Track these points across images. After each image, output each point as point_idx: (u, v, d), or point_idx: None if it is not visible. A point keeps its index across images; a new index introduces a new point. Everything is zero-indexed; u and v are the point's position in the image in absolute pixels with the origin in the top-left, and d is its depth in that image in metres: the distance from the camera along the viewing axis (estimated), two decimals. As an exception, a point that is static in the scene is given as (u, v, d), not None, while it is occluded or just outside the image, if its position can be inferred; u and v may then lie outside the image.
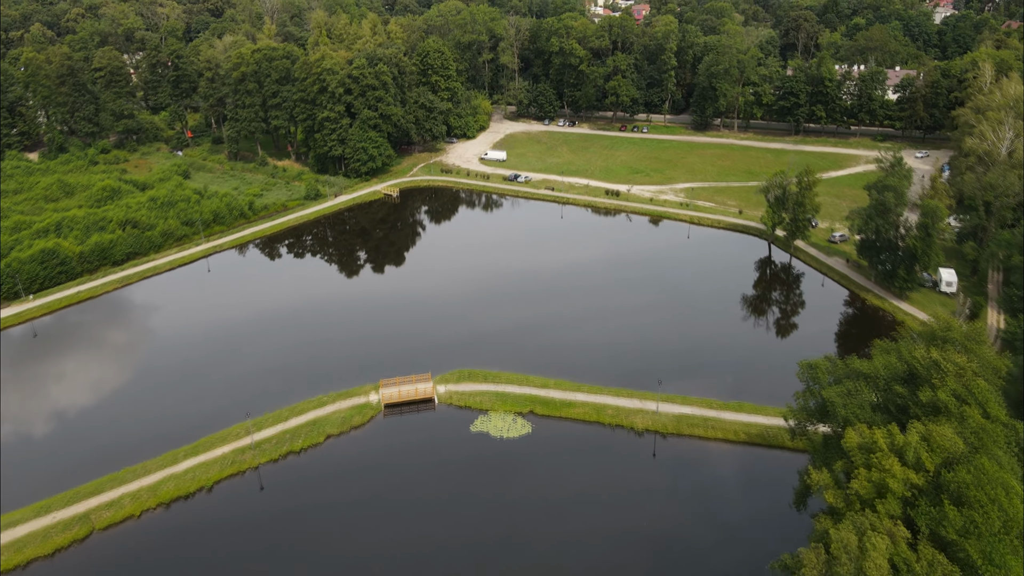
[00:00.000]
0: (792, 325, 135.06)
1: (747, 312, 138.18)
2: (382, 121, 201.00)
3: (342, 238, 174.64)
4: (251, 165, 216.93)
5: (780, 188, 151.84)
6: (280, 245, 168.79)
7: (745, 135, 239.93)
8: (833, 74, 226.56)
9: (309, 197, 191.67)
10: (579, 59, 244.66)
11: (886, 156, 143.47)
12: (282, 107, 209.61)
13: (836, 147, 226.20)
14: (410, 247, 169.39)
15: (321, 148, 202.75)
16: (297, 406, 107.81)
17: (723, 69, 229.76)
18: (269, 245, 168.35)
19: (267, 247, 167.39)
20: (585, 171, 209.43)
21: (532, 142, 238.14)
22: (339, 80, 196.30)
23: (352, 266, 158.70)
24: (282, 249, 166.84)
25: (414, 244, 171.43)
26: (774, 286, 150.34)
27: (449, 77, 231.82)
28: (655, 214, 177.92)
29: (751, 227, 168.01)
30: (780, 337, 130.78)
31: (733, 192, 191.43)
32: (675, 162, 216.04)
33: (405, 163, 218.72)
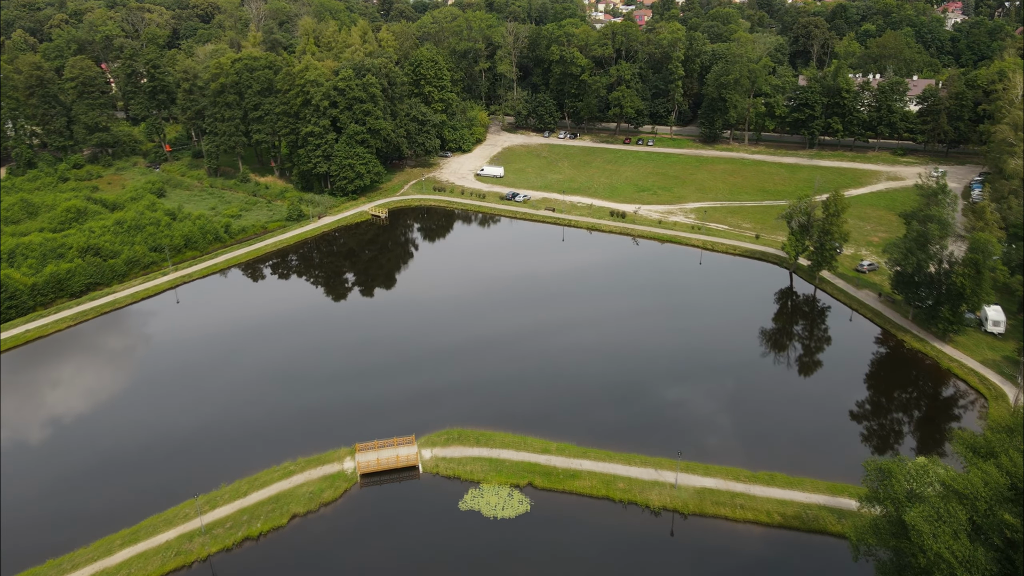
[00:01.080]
0: (821, 368, 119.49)
1: (769, 352, 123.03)
2: (370, 136, 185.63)
3: (323, 266, 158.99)
4: (232, 182, 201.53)
5: (804, 215, 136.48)
6: (255, 274, 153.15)
7: (756, 148, 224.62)
8: (850, 84, 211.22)
9: (291, 218, 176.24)
10: (581, 68, 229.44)
11: (928, 181, 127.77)
12: (264, 120, 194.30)
13: (854, 162, 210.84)
14: (397, 277, 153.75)
15: (305, 165, 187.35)
16: (259, 476, 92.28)
17: (733, 79, 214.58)
18: (243, 274, 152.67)
19: (240, 277, 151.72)
20: (588, 189, 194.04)
21: (531, 156, 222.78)
22: (324, 92, 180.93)
23: (332, 300, 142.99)
24: (256, 279, 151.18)
25: (401, 273, 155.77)
26: (798, 321, 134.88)
27: (443, 87, 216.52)
28: (664, 238, 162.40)
29: (770, 254, 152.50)
30: (808, 382, 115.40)
31: (747, 213, 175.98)
32: (683, 179, 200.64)
33: (396, 179, 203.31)
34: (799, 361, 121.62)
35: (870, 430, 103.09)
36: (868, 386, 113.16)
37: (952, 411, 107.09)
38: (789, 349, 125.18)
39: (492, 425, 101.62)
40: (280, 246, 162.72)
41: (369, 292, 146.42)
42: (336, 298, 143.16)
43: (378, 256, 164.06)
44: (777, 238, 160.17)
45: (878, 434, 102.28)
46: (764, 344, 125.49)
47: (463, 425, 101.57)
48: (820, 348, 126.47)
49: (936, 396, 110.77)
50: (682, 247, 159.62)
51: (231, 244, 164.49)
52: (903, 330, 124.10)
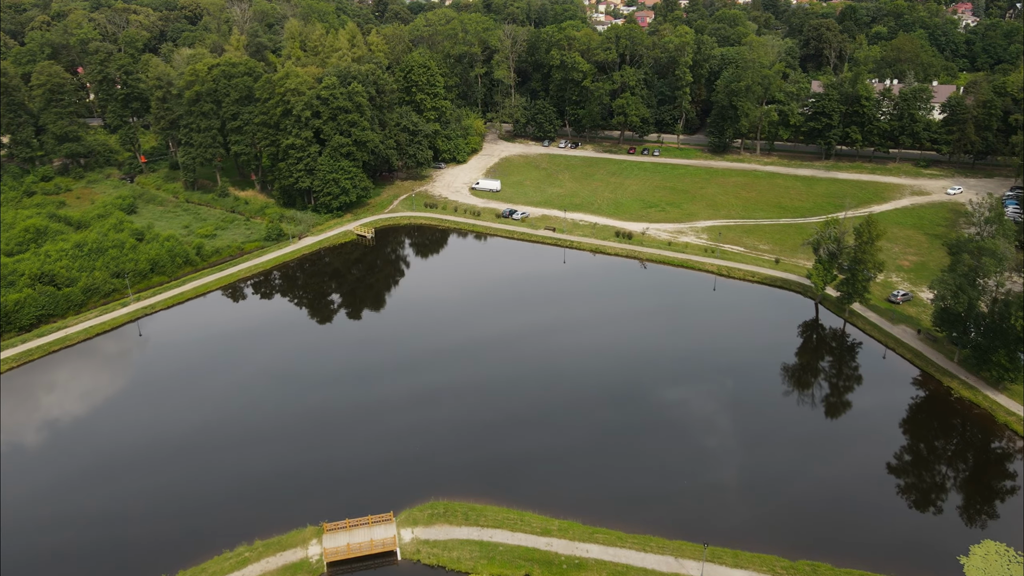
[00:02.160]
0: (854, 417, 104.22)
1: (795, 396, 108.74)
2: (356, 148, 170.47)
3: (300, 295, 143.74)
4: (209, 196, 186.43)
5: (834, 242, 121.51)
6: (223, 305, 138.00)
7: (769, 159, 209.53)
8: (870, 91, 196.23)
9: (270, 238, 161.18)
10: (582, 74, 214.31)
11: (980, 206, 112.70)
12: (243, 131, 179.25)
13: (874, 174, 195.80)
14: (381, 309, 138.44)
15: (286, 179, 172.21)
16: (207, 567, 77.34)
17: (745, 86, 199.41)
18: (210, 305, 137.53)
19: (207, 308, 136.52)
20: (590, 205, 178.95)
21: (530, 167, 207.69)
22: (305, 102, 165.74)
23: (306, 336, 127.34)
24: (224, 311, 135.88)
25: (386, 305, 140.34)
26: (826, 361, 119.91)
27: (436, 95, 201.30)
28: (675, 263, 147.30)
29: (792, 282, 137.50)
30: (841, 433, 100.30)
31: (764, 233, 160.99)
32: (693, 193, 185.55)
33: (385, 194, 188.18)
34: (829, 408, 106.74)
35: (918, 496, 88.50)
36: (910, 440, 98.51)
37: (1012, 473, 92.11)
38: (817, 393, 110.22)
39: (484, 494, 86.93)
40: (255, 271, 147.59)
41: (349, 328, 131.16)
42: (312, 335, 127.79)
43: (360, 283, 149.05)
44: (798, 262, 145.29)
45: (927, 500, 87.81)
46: (789, 386, 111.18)
47: (450, 494, 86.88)
48: (852, 393, 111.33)
49: (991, 455, 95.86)
50: (694, 272, 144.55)
51: (203, 268, 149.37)
52: (948, 374, 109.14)
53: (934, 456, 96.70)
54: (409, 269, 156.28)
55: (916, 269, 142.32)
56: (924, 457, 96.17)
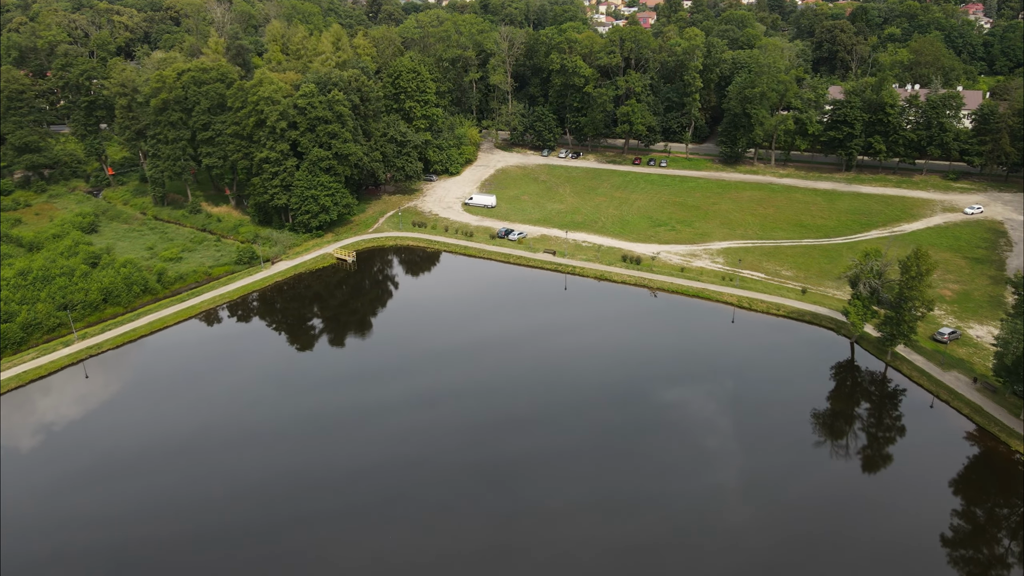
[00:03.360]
0: (900, 479, 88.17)
1: (828, 449, 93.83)
2: (337, 162, 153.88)
3: (266, 334, 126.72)
4: (180, 212, 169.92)
5: (876, 276, 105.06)
6: (179, 344, 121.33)
7: (785, 171, 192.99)
8: (895, 98, 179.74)
9: (241, 262, 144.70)
10: (584, 79, 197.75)
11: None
12: (215, 143, 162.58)
13: (900, 188, 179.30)
14: (355, 355, 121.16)
15: (261, 196, 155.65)
16: None
17: (759, 92, 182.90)
18: (164, 345, 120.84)
19: (159, 349, 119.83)
20: (594, 223, 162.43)
21: (528, 180, 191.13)
22: (280, 112, 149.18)
23: (265, 393, 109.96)
24: (177, 354, 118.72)
25: (361, 348, 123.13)
26: (863, 408, 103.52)
27: (427, 102, 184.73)
28: (689, 292, 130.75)
29: (823, 316, 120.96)
30: (886, 497, 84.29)
31: (785, 255, 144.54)
32: (705, 209, 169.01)
33: (370, 210, 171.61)
34: (869, 465, 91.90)
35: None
36: (966, 507, 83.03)
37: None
38: (854, 448, 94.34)
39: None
40: (219, 301, 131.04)
41: (317, 382, 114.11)
42: (273, 390, 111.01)
43: (334, 320, 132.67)
44: (827, 292, 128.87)
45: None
46: (821, 437, 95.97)
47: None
48: (896, 448, 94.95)
49: (1075, 539, 79.59)
50: (711, 304, 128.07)
51: (164, 297, 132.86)
52: (1011, 433, 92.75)
53: (995, 527, 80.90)
54: (392, 300, 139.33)
55: (960, 300, 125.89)
56: (984, 528, 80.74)
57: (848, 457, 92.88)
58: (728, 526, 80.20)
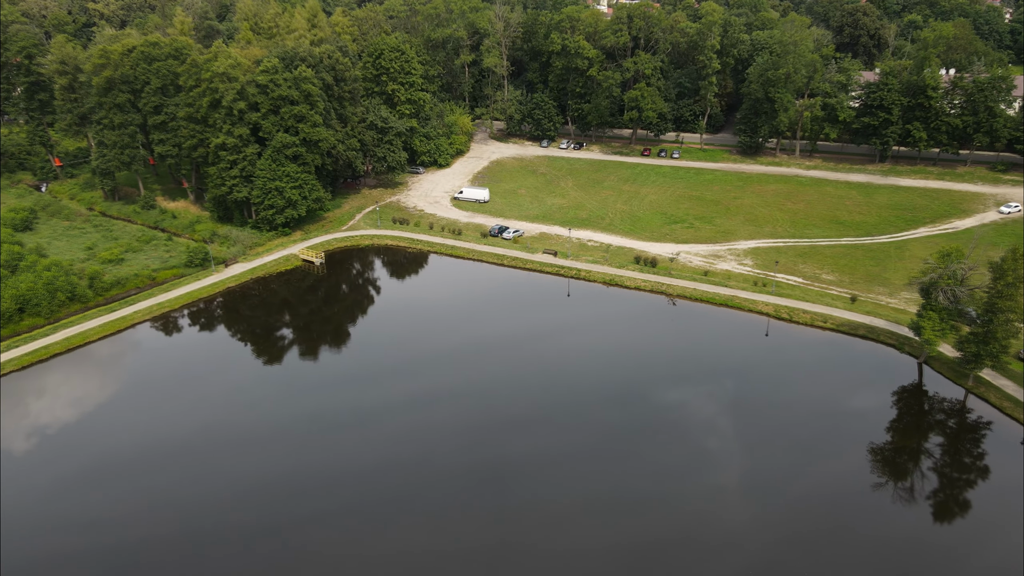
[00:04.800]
0: (985, 530, 67.74)
1: (891, 491, 74.18)
2: (306, 150, 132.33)
3: (213, 351, 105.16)
4: (132, 208, 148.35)
5: (956, 280, 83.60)
6: (103, 365, 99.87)
7: (812, 163, 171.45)
8: (938, 81, 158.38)
9: (192, 264, 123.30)
10: (588, 61, 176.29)
11: None
12: (168, 128, 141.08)
13: (942, 180, 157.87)
14: (319, 372, 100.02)
15: (218, 188, 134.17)
16: None
17: (784, 74, 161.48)
18: (83, 365, 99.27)
19: (76, 369, 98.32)
20: (601, 219, 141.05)
21: (526, 172, 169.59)
22: (238, 90, 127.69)
23: (208, 422, 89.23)
24: (99, 378, 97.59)
25: (325, 373, 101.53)
26: (936, 443, 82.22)
27: (412, 85, 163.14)
28: (717, 300, 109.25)
29: (879, 330, 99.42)
30: (967, 552, 64.02)
31: (824, 256, 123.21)
32: (726, 204, 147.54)
33: (347, 206, 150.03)
34: (942, 512, 72.22)
35: None
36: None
37: None
38: (924, 490, 73.78)
39: None
40: (158, 311, 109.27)
41: (278, 402, 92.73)
42: (224, 417, 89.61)
43: (297, 327, 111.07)
44: (879, 300, 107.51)
45: None
46: (883, 477, 75.76)
47: None
48: (978, 493, 73.83)
49: None
50: (743, 314, 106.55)
51: (95, 306, 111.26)
52: None
53: None
54: (363, 309, 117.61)
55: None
56: None
57: (913, 501, 72.63)
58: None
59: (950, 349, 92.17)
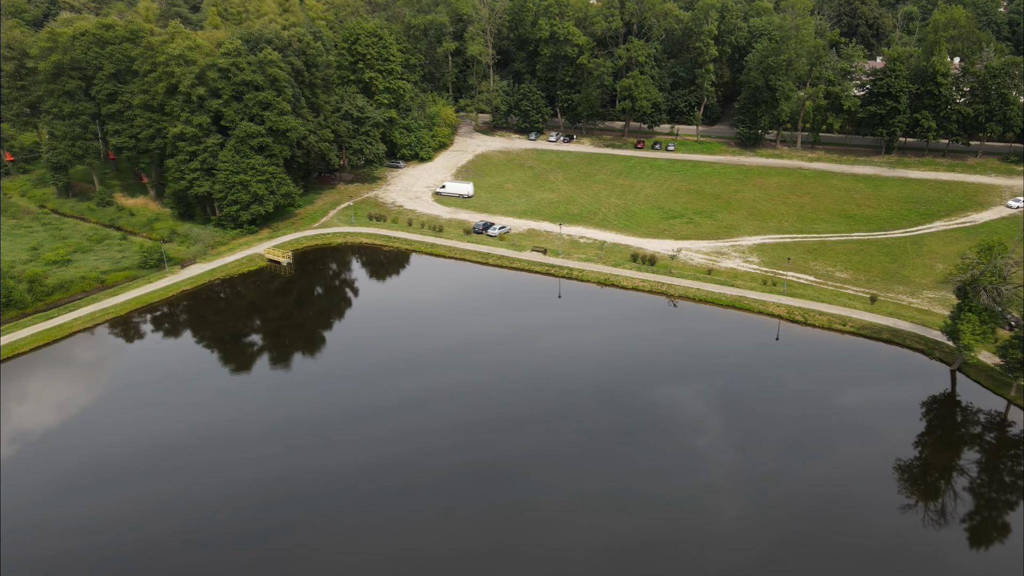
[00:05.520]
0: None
1: (921, 513, 64.89)
2: (273, 140, 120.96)
3: (165, 360, 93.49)
4: (86, 205, 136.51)
5: (1000, 278, 73.56)
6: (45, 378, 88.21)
7: (814, 154, 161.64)
8: (947, 67, 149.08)
9: (146, 265, 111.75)
10: (578, 48, 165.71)
11: None
12: (124, 117, 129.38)
13: (953, 172, 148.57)
14: (287, 390, 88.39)
15: (177, 183, 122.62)
16: None
17: (785, 61, 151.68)
18: (13, 379, 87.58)
19: (14, 386, 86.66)
20: (593, 215, 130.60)
21: (512, 166, 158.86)
22: (197, 74, 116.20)
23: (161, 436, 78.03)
24: (39, 397, 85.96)
25: (297, 379, 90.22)
26: (972, 459, 72.22)
27: (391, 73, 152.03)
28: (723, 301, 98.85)
29: (905, 333, 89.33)
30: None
31: (835, 253, 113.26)
32: (727, 198, 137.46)
33: (320, 202, 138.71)
34: (979, 536, 62.45)
35: None
36: None
37: None
38: (959, 514, 64.03)
39: None
40: (102, 318, 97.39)
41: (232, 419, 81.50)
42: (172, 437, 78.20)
43: (267, 337, 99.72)
44: (900, 300, 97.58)
45: None
46: (913, 498, 65.96)
47: None
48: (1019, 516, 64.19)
49: None
50: (752, 316, 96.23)
51: (33, 312, 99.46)
52: None
53: None
54: (333, 315, 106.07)
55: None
56: None
57: (946, 525, 62.64)
58: None
59: (988, 356, 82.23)
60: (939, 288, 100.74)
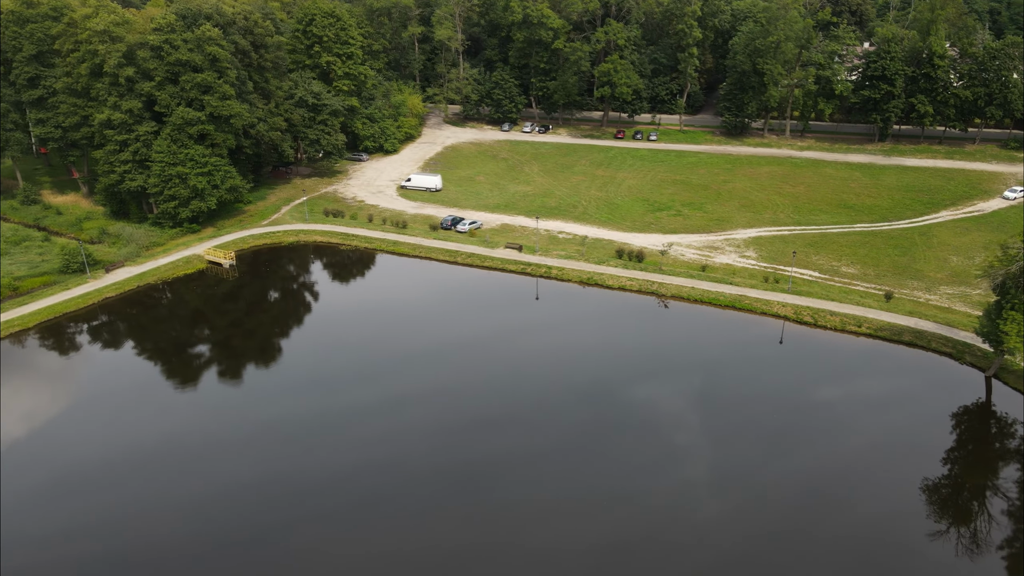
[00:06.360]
0: None
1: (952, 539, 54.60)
2: (215, 128, 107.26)
3: (79, 377, 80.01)
4: (10, 203, 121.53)
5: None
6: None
7: (804, 143, 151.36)
8: (944, 48, 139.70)
9: (68, 270, 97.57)
10: (553, 32, 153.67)
11: None
12: (47, 104, 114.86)
13: (952, 159, 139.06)
14: (219, 401, 75.68)
15: (107, 176, 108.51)
16: None
17: (774, 43, 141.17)
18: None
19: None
20: (573, 208, 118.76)
21: (485, 158, 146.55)
22: (124, 53, 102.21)
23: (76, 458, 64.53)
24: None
25: (226, 396, 77.67)
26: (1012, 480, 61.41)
27: (350, 57, 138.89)
28: (721, 301, 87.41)
29: (928, 334, 78.47)
30: None
31: (839, 246, 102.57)
32: (716, 189, 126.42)
33: (273, 198, 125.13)
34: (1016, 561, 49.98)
35: None
36: None
37: None
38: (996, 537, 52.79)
39: None
40: (6, 331, 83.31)
41: (158, 440, 68.20)
42: (86, 456, 64.77)
43: (208, 346, 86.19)
44: (917, 297, 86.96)
45: None
46: (943, 523, 54.87)
47: None
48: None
49: None
50: (755, 317, 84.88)
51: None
52: None
53: None
54: (279, 325, 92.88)
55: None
56: None
57: (979, 552, 51.67)
58: None
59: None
60: (957, 283, 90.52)
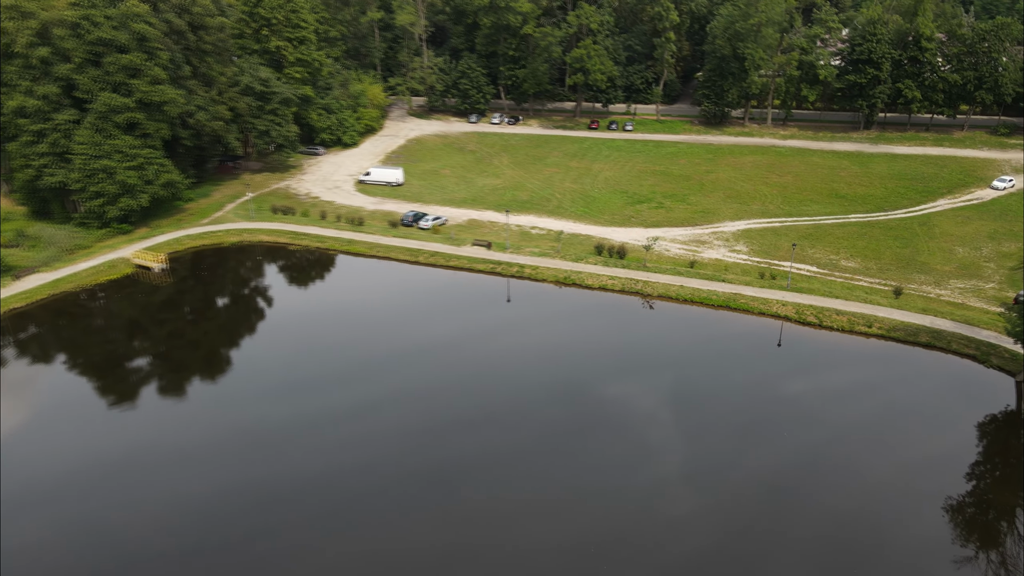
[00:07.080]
0: None
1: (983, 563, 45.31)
2: (146, 116, 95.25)
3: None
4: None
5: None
6: None
7: (787, 131, 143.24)
8: (932, 29, 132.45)
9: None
10: (522, 17, 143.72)
11: None
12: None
13: (941, 146, 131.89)
14: (140, 424, 64.34)
15: (23, 171, 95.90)
16: None
17: (754, 26, 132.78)
18: None
19: None
20: (547, 201, 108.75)
21: (451, 150, 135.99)
22: (37, 31, 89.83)
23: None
24: None
25: (152, 417, 66.25)
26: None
27: (303, 41, 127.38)
28: (714, 301, 77.96)
29: (946, 334, 69.79)
30: None
31: (835, 238, 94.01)
32: (699, 180, 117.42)
33: (217, 194, 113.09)
34: None
35: None
36: None
37: None
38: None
39: None
40: None
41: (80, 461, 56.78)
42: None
43: (141, 364, 74.49)
44: (927, 292, 78.46)
45: None
46: (973, 549, 47.12)
47: None
48: None
49: None
50: (752, 318, 75.56)
51: None
52: None
53: None
54: (217, 336, 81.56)
55: None
56: None
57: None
58: None
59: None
60: (966, 276, 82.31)
